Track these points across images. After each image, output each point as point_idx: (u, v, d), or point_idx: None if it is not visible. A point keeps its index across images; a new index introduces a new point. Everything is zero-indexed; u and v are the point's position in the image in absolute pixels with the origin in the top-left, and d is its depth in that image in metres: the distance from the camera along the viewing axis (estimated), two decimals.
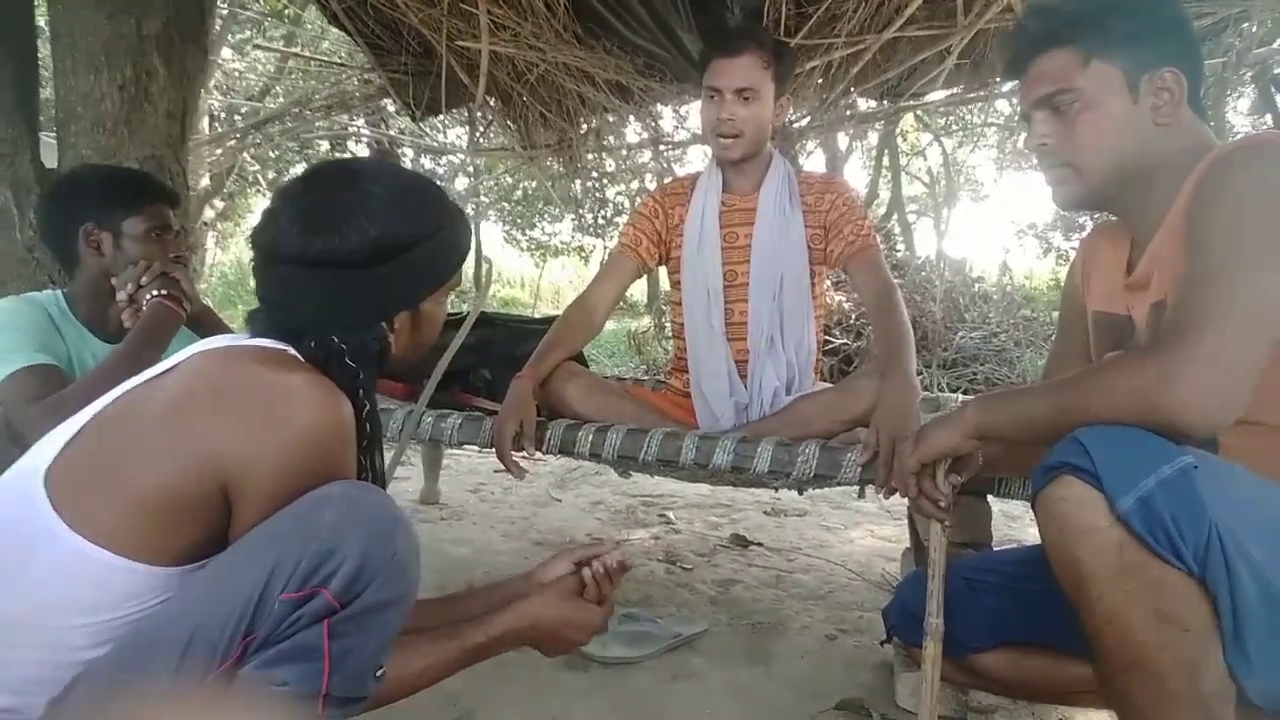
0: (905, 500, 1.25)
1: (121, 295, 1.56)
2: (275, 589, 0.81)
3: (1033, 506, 0.97)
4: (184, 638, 0.80)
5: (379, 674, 0.88)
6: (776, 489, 1.82)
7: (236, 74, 10.53)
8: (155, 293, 1.54)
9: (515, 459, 1.68)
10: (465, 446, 1.82)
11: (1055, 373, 1.36)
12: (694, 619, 1.90)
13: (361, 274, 0.98)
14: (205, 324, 1.71)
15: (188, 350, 1.00)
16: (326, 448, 0.90)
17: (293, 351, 0.97)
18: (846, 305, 5.66)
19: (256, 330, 1.00)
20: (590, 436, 1.70)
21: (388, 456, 1.72)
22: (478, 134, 3.80)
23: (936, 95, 4.12)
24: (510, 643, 1.08)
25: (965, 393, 5.68)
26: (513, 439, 1.67)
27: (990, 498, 1.51)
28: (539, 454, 1.72)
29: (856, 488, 1.62)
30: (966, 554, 1.48)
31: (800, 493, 1.83)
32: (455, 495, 3.08)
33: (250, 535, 0.86)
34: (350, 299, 0.99)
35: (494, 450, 1.68)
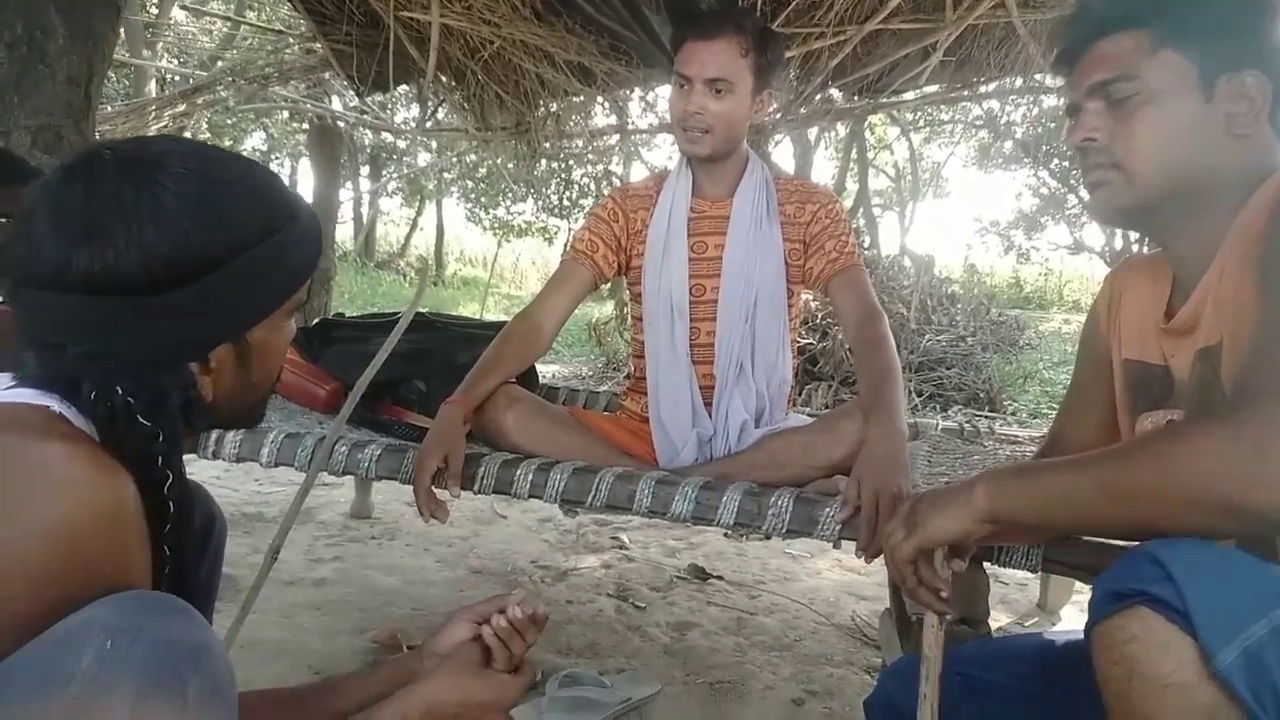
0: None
1: None
2: None
3: (1086, 635, 0.76)
4: None
5: None
6: (743, 537, 1.62)
7: (191, 35, 10.00)
8: None
9: (437, 498, 1.44)
10: (384, 481, 1.58)
11: (1068, 432, 1.16)
12: (645, 678, 1.69)
13: (150, 301, 0.72)
14: None
15: None
16: (89, 549, 0.65)
17: (58, 408, 0.72)
18: (813, 304, 5.49)
19: (20, 378, 0.74)
20: (530, 475, 1.48)
21: (294, 488, 1.46)
22: (428, 113, 3.52)
23: (915, 93, 3.94)
24: None
25: (932, 398, 5.56)
26: (435, 475, 1.43)
27: (987, 565, 1.32)
28: (468, 492, 1.49)
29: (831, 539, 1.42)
30: (962, 632, 1.29)
31: (767, 537, 1.63)
32: (390, 509, 2.83)
33: None
34: (136, 335, 0.72)
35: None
